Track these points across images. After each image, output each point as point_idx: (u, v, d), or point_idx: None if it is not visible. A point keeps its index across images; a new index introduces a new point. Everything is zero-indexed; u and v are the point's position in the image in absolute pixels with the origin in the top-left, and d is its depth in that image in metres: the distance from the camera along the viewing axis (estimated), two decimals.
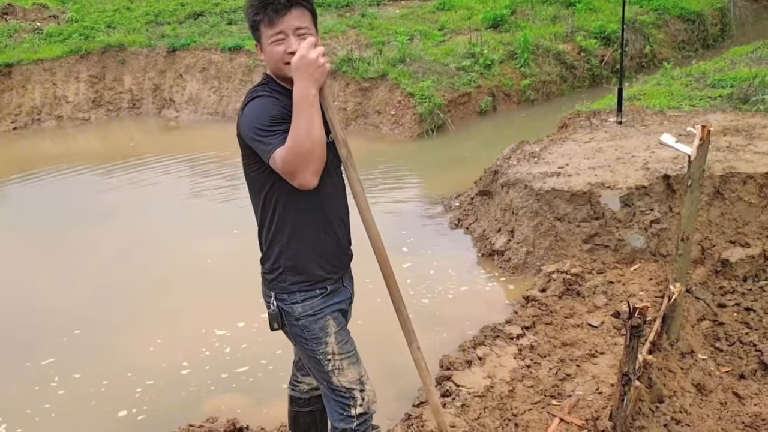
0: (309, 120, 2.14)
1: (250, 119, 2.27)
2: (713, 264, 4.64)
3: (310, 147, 2.14)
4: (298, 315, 2.48)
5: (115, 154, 9.56)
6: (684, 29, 12.46)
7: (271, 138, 2.20)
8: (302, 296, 2.47)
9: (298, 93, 2.16)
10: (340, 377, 2.52)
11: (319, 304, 2.48)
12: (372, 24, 11.89)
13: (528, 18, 11.96)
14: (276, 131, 2.21)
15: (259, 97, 2.30)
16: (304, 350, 2.55)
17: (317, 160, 2.18)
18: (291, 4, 2.24)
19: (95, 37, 11.86)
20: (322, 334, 2.49)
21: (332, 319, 2.51)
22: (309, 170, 2.17)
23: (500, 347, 4.05)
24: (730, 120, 6.00)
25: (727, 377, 3.80)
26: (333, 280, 2.52)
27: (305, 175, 2.17)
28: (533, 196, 5.22)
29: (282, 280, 2.47)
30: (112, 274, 5.68)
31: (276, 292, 2.50)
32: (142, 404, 4.02)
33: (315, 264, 2.46)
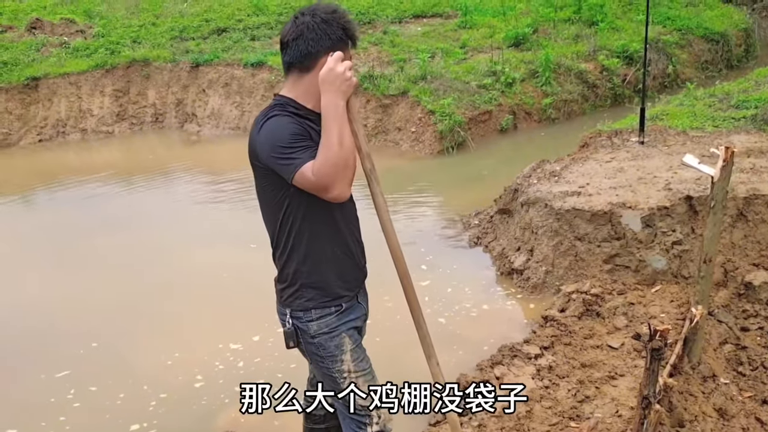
0: (340, 130, 2.16)
1: (269, 138, 2.25)
2: (736, 287, 4.57)
3: (345, 157, 2.16)
4: (314, 333, 2.47)
5: (137, 167, 9.67)
6: (708, 49, 12.39)
7: (296, 154, 2.20)
8: (317, 314, 2.46)
9: (326, 105, 2.19)
10: (356, 395, 2.50)
11: (335, 322, 2.48)
12: (394, 41, 11.95)
13: (550, 37, 11.96)
14: (300, 147, 2.20)
15: (276, 116, 2.29)
16: (319, 368, 2.55)
17: (351, 170, 2.20)
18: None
19: (121, 52, 12.04)
20: (337, 352, 2.48)
21: (348, 336, 2.50)
22: (344, 181, 2.18)
23: (518, 367, 4.01)
24: (754, 141, 5.94)
25: (749, 402, 3.73)
26: (349, 297, 2.51)
27: (341, 186, 2.18)
28: (553, 215, 5.19)
29: (298, 297, 2.47)
30: (131, 287, 5.71)
31: (291, 309, 2.49)
32: (155, 418, 4.01)
33: (331, 281, 2.46)
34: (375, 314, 2.79)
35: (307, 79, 2.32)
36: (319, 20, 2.29)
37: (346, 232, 2.47)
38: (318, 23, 2.29)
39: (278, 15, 13.45)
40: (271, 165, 2.26)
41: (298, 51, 2.30)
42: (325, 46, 2.28)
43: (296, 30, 2.30)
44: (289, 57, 2.33)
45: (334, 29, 2.30)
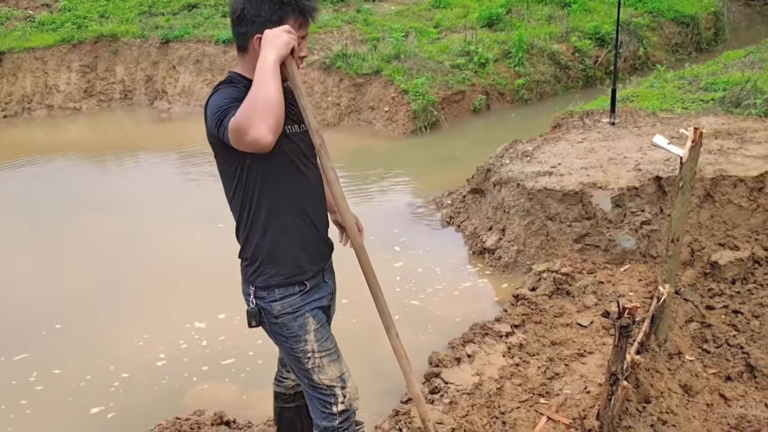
0: (266, 80, 2.09)
1: (210, 108, 2.23)
2: (702, 266, 4.66)
3: (265, 102, 2.06)
4: (277, 313, 2.45)
5: (106, 144, 9.52)
6: (678, 32, 12.52)
7: (228, 113, 2.14)
8: (281, 293, 2.44)
9: (262, 59, 2.13)
10: (321, 375, 2.50)
11: (299, 302, 2.46)
12: (367, 20, 11.86)
13: (523, 17, 11.97)
14: (232, 107, 2.14)
15: (219, 89, 2.28)
16: (283, 348, 2.54)
17: (273, 116, 2.07)
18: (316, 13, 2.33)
19: (88, 27, 11.78)
20: (301, 332, 2.46)
21: (312, 316, 2.48)
22: (262, 123, 2.04)
23: (489, 345, 4.06)
24: (721, 123, 6.03)
25: (713, 379, 3.82)
26: (313, 272, 2.49)
27: (258, 128, 2.04)
28: (525, 195, 5.23)
29: (261, 273, 2.43)
30: (97, 266, 5.63)
31: (255, 288, 2.46)
32: (116, 399, 3.97)
33: (293, 254, 2.42)
34: (343, 292, 2.78)
35: (248, 57, 2.30)
36: None
37: (306, 201, 2.43)
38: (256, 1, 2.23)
39: None
40: (214, 133, 2.22)
41: (236, 29, 2.29)
42: (256, 28, 2.23)
43: (236, 8, 2.26)
44: (232, 34, 2.34)
45: (270, 9, 2.23)
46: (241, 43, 2.30)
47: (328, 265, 2.62)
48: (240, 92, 2.20)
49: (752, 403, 3.64)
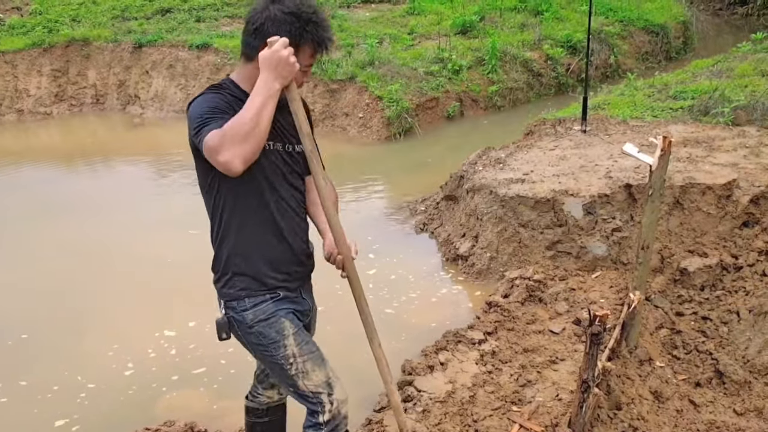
0: (261, 106, 2.07)
1: (191, 114, 2.20)
2: (672, 273, 4.72)
3: (249, 130, 2.05)
4: (250, 322, 2.38)
5: (77, 150, 9.39)
6: (648, 41, 12.70)
7: (207, 122, 2.12)
8: (251, 302, 2.38)
9: (260, 83, 2.10)
10: (306, 380, 2.40)
11: (272, 308, 2.39)
12: (342, 26, 11.87)
13: (496, 25, 12.06)
14: (214, 117, 2.13)
15: (203, 94, 2.26)
16: (264, 358, 2.45)
17: (250, 146, 2.06)
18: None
19: (59, 31, 11.64)
20: (279, 338, 2.38)
21: (288, 320, 2.40)
22: (236, 149, 2.04)
23: (462, 353, 4.06)
24: (690, 131, 6.12)
25: (683, 385, 3.86)
26: (287, 289, 2.44)
27: (231, 153, 2.04)
28: (498, 202, 5.26)
29: (231, 286, 2.39)
30: (64, 274, 5.53)
31: (225, 300, 2.41)
32: (81, 411, 3.89)
33: (264, 270, 2.38)
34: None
35: (249, 67, 2.27)
36: (282, 17, 2.18)
37: (280, 219, 2.38)
38: (279, 20, 2.18)
39: None
40: (193, 140, 2.19)
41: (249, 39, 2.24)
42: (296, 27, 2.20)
43: (255, 19, 2.21)
44: (242, 41, 2.30)
45: (290, 33, 2.18)
46: (249, 53, 2.26)
47: (306, 285, 2.56)
48: (224, 100, 2.20)
49: (721, 408, 3.68)
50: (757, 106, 6.42)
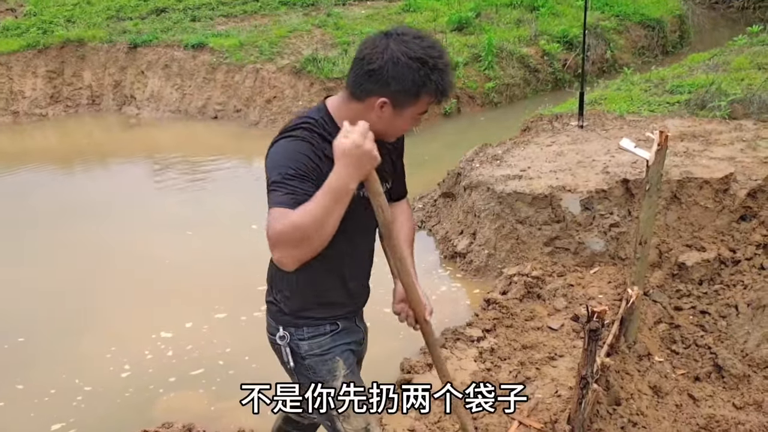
0: (331, 209, 1.86)
1: (273, 160, 2.00)
2: (670, 267, 4.71)
3: (311, 235, 1.86)
4: (304, 353, 2.27)
5: (73, 151, 9.37)
6: (644, 35, 12.68)
7: (279, 192, 1.92)
8: (309, 332, 2.27)
9: (338, 180, 1.86)
10: (345, 423, 2.31)
11: (328, 343, 2.28)
12: (337, 24, 11.84)
13: (492, 21, 12.03)
14: (287, 186, 1.92)
15: (295, 139, 2.01)
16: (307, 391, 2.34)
17: (308, 252, 1.90)
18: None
19: (54, 32, 11.59)
20: (329, 377, 2.28)
21: (342, 360, 2.30)
22: (292, 250, 1.88)
23: (461, 350, 4.06)
24: (687, 126, 6.11)
25: (682, 380, 3.86)
26: (345, 319, 2.35)
27: (286, 253, 1.88)
28: (495, 199, 5.25)
29: (290, 314, 2.29)
30: (60, 277, 5.52)
31: (282, 325, 2.29)
32: (80, 414, 3.89)
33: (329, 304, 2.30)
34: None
35: (354, 107, 2.05)
36: (406, 62, 1.94)
37: (347, 268, 2.28)
38: (403, 64, 1.94)
39: None
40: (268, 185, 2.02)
41: (363, 79, 2.00)
42: (386, 91, 1.98)
43: (375, 59, 1.96)
44: (351, 76, 2.04)
45: (413, 81, 1.96)
46: (358, 94, 2.02)
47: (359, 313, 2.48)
48: (312, 156, 1.98)
49: (720, 403, 3.68)
50: (754, 100, 6.41)
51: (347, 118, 2.00)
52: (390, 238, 2.15)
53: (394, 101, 1.99)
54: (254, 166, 8.63)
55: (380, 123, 2.02)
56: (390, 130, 2.10)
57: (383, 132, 2.07)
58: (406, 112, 2.03)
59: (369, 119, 1.97)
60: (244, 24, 12.21)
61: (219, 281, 5.04)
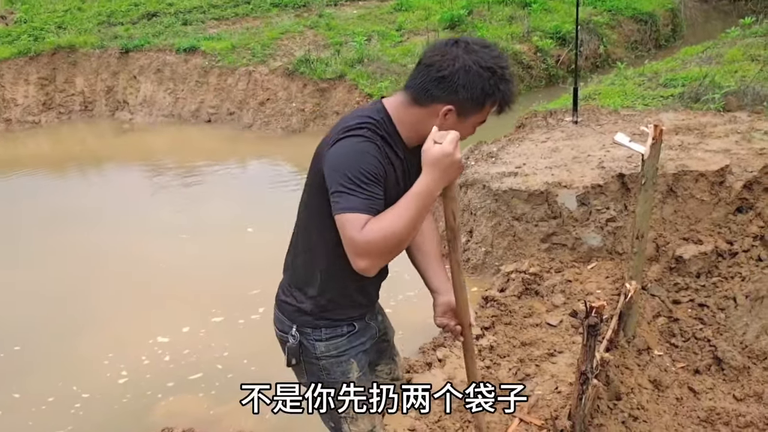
0: (419, 218, 1.89)
1: (341, 160, 1.95)
2: (668, 261, 4.70)
3: (402, 241, 1.88)
4: (320, 354, 2.25)
5: (67, 157, 9.33)
6: (637, 30, 12.68)
7: (355, 194, 1.88)
8: (327, 334, 2.25)
9: (426, 186, 1.89)
10: (351, 426, 2.31)
11: (345, 345, 2.27)
12: (329, 24, 11.83)
13: (485, 18, 12.03)
14: (361, 190, 1.89)
15: (360, 139, 1.97)
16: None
17: (392, 255, 1.92)
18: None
19: (45, 38, 11.54)
20: (342, 379, 2.28)
21: (356, 362, 2.30)
22: (381, 260, 1.89)
23: (460, 348, 4.04)
24: (681, 119, 6.11)
25: (682, 373, 3.85)
26: (361, 319, 2.34)
27: (375, 263, 1.88)
28: (491, 196, 5.24)
29: (308, 313, 2.26)
30: (55, 283, 5.49)
31: (297, 325, 2.26)
32: (78, 422, 3.87)
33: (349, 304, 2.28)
34: None
35: (416, 112, 2.03)
36: (477, 70, 1.95)
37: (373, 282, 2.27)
38: (474, 72, 1.95)
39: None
40: (328, 184, 1.97)
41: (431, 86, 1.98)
42: (454, 98, 1.98)
43: (445, 66, 1.96)
44: (416, 81, 2.02)
45: (482, 89, 1.97)
46: (422, 99, 2.00)
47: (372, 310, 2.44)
48: (380, 158, 1.96)
49: (720, 395, 3.67)
50: (748, 91, 6.41)
51: (408, 123, 2.02)
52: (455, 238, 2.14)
53: (459, 109, 1.99)
54: (248, 169, 8.62)
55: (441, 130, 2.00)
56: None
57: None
58: (469, 120, 2.04)
59: (430, 125, 1.97)
60: (236, 27, 12.19)
61: (215, 285, 5.03)
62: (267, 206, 6.97)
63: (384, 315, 2.57)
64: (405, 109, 2.05)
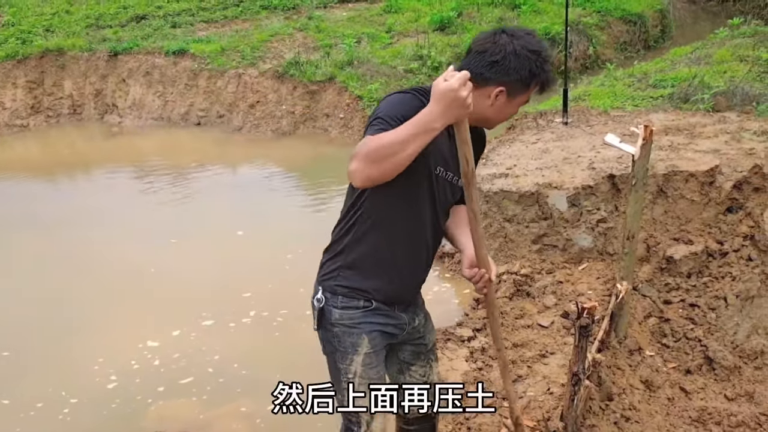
0: (411, 138, 1.97)
1: (383, 105, 2.19)
2: (658, 261, 4.71)
3: (386, 155, 1.98)
4: (334, 321, 2.34)
5: (56, 161, 9.28)
6: (626, 31, 12.73)
7: (380, 125, 2.06)
8: (343, 302, 2.34)
9: (425, 116, 1.97)
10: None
11: (359, 318, 2.34)
12: (319, 26, 11.81)
13: (474, 20, 12.04)
14: (389, 125, 2.05)
15: (406, 94, 2.21)
16: (328, 357, 2.42)
17: (378, 170, 2.00)
18: None
19: (33, 42, 11.47)
20: (351, 350, 2.34)
21: (368, 338, 2.34)
22: (364, 167, 2.00)
23: (452, 350, 4.04)
24: (671, 119, 6.13)
25: (674, 373, 3.86)
26: (384, 303, 2.37)
27: (358, 167, 2.01)
28: (482, 198, 5.23)
29: (333, 278, 2.36)
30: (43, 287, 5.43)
31: (323, 288, 2.37)
32: (67, 427, 3.83)
33: (371, 278, 2.33)
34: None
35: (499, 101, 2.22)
36: (525, 54, 2.16)
37: (410, 244, 2.34)
38: (523, 56, 2.16)
39: (199, 1, 13.09)
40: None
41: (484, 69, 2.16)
42: (506, 79, 2.17)
43: (498, 51, 2.15)
44: (469, 66, 2.16)
45: (530, 70, 2.18)
46: (476, 82, 2.12)
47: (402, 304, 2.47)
48: (411, 102, 2.13)
49: (712, 395, 3.68)
50: (737, 92, 6.44)
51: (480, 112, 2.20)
52: (469, 186, 2.20)
53: (509, 90, 2.19)
54: (239, 172, 8.58)
55: (491, 110, 2.23)
56: (497, 116, 2.28)
57: (491, 118, 2.28)
58: (516, 100, 2.24)
59: (482, 105, 2.19)
60: (225, 29, 12.15)
61: (205, 288, 4.99)
62: (257, 209, 6.94)
63: (428, 319, 2.64)
64: None
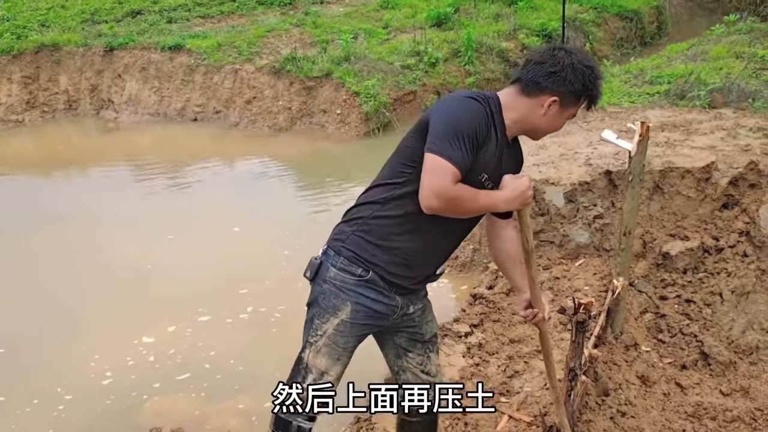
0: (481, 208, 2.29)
1: (451, 107, 2.27)
2: (654, 257, 4.72)
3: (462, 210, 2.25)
4: (327, 278, 2.38)
5: (51, 157, 9.25)
6: (622, 27, 12.75)
7: (453, 144, 2.17)
8: (343, 264, 2.37)
9: (498, 199, 2.28)
10: (311, 354, 2.40)
11: (351, 284, 2.36)
12: (316, 22, 11.79)
13: (471, 16, 12.04)
14: (460, 144, 2.18)
15: (476, 101, 2.28)
16: (309, 309, 2.46)
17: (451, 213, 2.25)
18: None
19: (28, 37, 11.44)
20: (330, 311, 2.38)
21: (351, 307, 2.37)
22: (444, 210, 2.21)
23: (449, 346, 4.04)
24: (668, 116, 6.13)
25: (669, 368, 3.87)
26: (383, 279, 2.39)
27: (438, 209, 2.20)
28: None
29: (342, 240, 2.40)
30: (37, 284, 5.42)
31: (329, 246, 2.43)
32: (61, 424, 3.82)
33: (382, 254, 2.36)
34: None
35: (524, 101, 2.34)
36: (581, 68, 2.30)
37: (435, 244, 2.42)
38: (579, 69, 2.29)
39: None
40: (431, 128, 2.23)
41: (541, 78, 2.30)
42: (561, 90, 2.30)
43: (556, 63, 2.29)
44: (528, 75, 2.33)
45: (583, 84, 2.31)
46: (531, 90, 2.32)
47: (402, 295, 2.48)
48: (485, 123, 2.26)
49: (707, 390, 3.70)
50: (733, 88, 6.44)
51: (513, 110, 2.34)
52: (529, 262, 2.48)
53: (562, 100, 2.32)
54: (235, 168, 8.57)
55: (543, 119, 2.34)
56: (546, 126, 2.38)
57: (540, 127, 2.39)
58: (566, 112, 2.36)
59: (534, 115, 2.33)
60: (221, 25, 12.12)
61: (201, 284, 4.98)
62: (254, 205, 6.94)
63: (427, 311, 2.64)
64: (514, 97, 2.36)
